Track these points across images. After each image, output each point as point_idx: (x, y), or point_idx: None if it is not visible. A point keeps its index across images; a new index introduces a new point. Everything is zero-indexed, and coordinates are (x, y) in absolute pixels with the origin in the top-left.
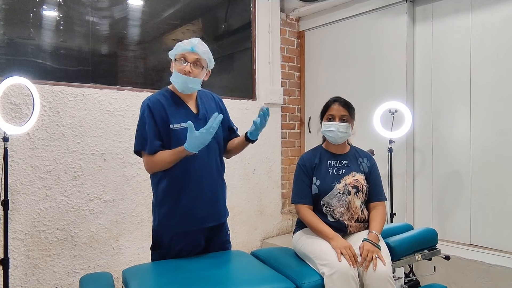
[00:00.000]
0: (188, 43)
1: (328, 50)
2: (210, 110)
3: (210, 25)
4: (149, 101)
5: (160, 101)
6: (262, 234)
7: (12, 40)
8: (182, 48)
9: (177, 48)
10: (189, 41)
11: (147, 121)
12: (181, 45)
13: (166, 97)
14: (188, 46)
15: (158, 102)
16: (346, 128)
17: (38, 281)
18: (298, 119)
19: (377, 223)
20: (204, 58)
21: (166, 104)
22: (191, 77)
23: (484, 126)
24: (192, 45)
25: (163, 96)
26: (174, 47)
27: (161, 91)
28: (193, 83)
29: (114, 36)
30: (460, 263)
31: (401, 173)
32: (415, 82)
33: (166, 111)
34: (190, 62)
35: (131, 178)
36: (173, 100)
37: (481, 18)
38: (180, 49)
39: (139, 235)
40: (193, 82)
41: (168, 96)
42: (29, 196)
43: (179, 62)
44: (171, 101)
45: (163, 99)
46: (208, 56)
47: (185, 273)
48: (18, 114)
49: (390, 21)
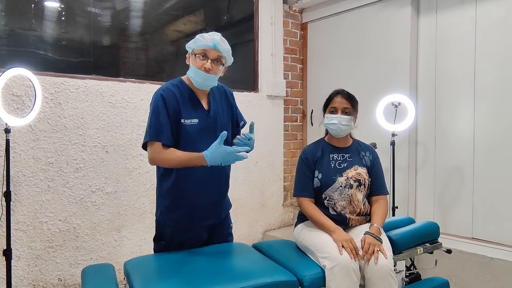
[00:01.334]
0: (210, 39)
1: (331, 42)
2: (221, 105)
3: (212, 16)
4: (163, 91)
5: (174, 93)
6: (263, 227)
7: (14, 31)
8: (203, 44)
9: (197, 41)
10: (211, 37)
11: (161, 112)
12: (202, 40)
13: (180, 89)
14: (210, 42)
15: (172, 94)
16: (349, 121)
17: (41, 272)
18: (300, 112)
19: (379, 217)
20: (225, 56)
21: (180, 96)
22: (210, 75)
23: (487, 119)
24: (215, 41)
25: (177, 88)
26: (193, 40)
27: (175, 82)
28: (212, 81)
29: (116, 27)
30: (462, 257)
31: (403, 166)
32: (419, 74)
33: (179, 104)
34: (211, 59)
35: (133, 170)
36: (187, 93)
37: (487, 9)
38: (201, 44)
39: (141, 226)
40: (212, 79)
41: (182, 89)
42: (31, 187)
43: (198, 57)
44: (185, 94)
45: (177, 91)
46: (229, 53)
47: (186, 265)
48: (20, 106)
49: (394, 12)
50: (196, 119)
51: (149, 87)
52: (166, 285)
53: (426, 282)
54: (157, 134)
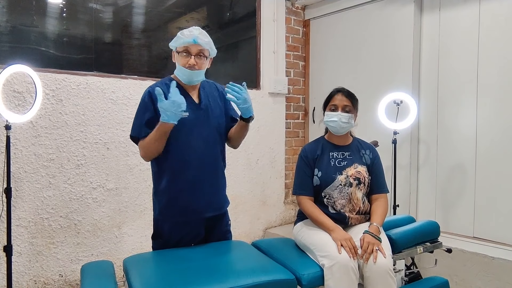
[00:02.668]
0: (189, 35)
1: (333, 39)
2: (212, 99)
3: (214, 13)
4: (151, 88)
5: (162, 89)
6: (264, 224)
7: (15, 28)
8: (183, 41)
9: (177, 39)
10: (190, 33)
11: (146, 108)
12: (181, 37)
13: (168, 85)
14: (189, 38)
15: (159, 90)
16: (349, 118)
17: (42, 267)
18: (302, 109)
19: (378, 216)
20: (207, 49)
21: (168, 92)
22: (196, 71)
23: (490, 118)
24: (194, 36)
25: (165, 85)
26: (175, 38)
27: (164, 80)
28: (199, 76)
29: (118, 24)
30: (463, 256)
31: (405, 164)
32: (421, 72)
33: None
34: (194, 54)
35: (134, 166)
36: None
37: (490, 8)
38: (182, 41)
39: (141, 223)
40: (199, 74)
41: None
42: (32, 184)
43: (181, 54)
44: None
45: (165, 88)
46: (211, 45)
47: (185, 263)
48: (21, 102)
49: (397, 10)
50: (186, 112)
51: (150, 84)
52: (164, 283)
53: (425, 281)
54: (139, 130)
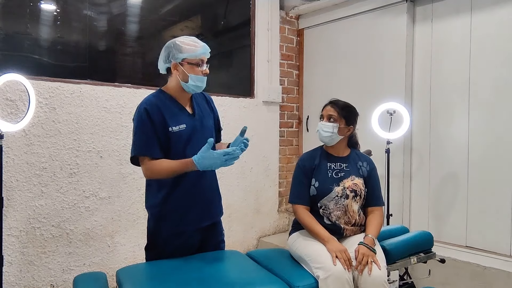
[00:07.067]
0: (201, 46)
1: (327, 49)
2: (203, 109)
3: (209, 22)
4: (146, 105)
5: (157, 105)
6: (258, 233)
7: (8, 35)
8: (201, 52)
9: (188, 51)
10: (201, 45)
11: (147, 125)
12: (195, 49)
13: (162, 99)
14: (204, 49)
15: (155, 105)
16: (331, 127)
17: (33, 278)
18: (296, 118)
19: (374, 227)
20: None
21: (163, 107)
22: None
23: (482, 128)
24: (206, 47)
25: (158, 99)
26: (179, 49)
27: (156, 93)
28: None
29: (112, 32)
30: (456, 265)
31: (398, 174)
32: (414, 83)
33: (163, 113)
34: (205, 62)
35: (127, 175)
36: (169, 102)
37: (482, 19)
38: (198, 53)
39: (134, 232)
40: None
41: (164, 99)
42: (24, 192)
43: (194, 65)
44: (167, 103)
45: (159, 102)
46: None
47: (179, 274)
48: (14, 111)
49: (390, 20)
50: (183, 124)
51: (144, 92)
52: None
53: None
54: (146, 148)
